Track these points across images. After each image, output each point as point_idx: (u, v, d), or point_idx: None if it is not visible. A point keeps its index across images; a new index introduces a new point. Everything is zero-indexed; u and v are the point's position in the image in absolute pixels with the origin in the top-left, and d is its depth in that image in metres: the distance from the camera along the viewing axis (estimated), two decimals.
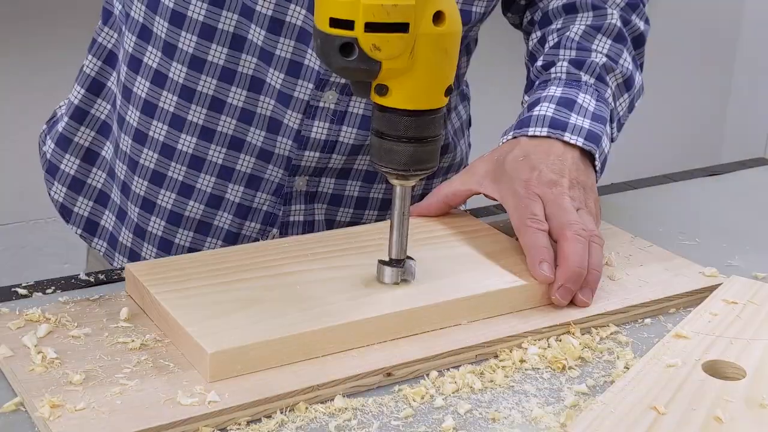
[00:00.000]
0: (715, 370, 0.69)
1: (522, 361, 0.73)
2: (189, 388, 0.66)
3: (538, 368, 0.73)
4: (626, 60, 0.99)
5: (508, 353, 0.74)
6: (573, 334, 0.77)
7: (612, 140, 0.97)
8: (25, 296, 0.81)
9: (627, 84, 0.99)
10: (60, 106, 1.09)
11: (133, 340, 0.71)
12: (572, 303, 0.80)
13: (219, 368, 0.67)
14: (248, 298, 0.74)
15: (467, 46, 1.08)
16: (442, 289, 0.77)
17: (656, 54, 2.73)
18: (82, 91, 1.04)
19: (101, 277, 0.85)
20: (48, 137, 1.08)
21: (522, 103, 1.00)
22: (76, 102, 1.04)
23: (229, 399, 0.65)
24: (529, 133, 0.91)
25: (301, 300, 0.74)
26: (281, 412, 0.66)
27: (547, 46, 1.01)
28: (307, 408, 0.66)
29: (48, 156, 1.07)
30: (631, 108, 1.01)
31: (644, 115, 2.74)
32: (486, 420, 0.66)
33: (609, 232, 0.94)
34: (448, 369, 0.72)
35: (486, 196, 0.89)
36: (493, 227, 0.90)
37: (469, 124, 1.17)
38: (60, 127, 1.05)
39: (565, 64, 0.97)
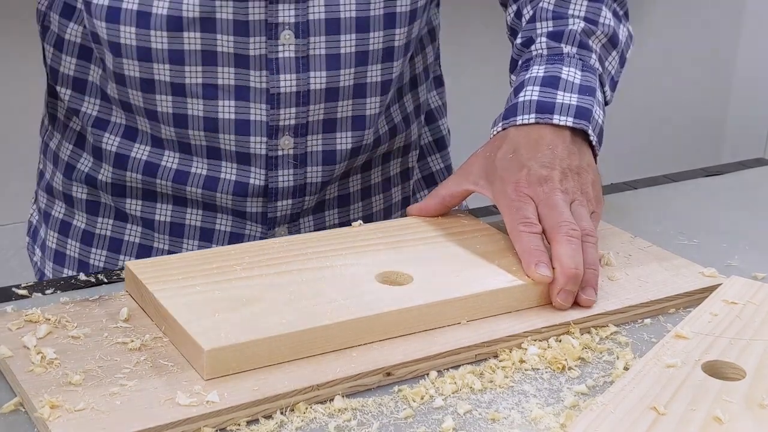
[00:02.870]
0: (714, 370, 0.69)
1: (522, 361, 0.73)
2: (188, 388, 0.66)
3: (538, 368, 0.73)
4: (606, 17, 0.96)
5: (508, 353, 0.74)
6: (573, 334, 0.77)
7: (606, 103, 0.96)
8: (24, 296, 0.81)
9: (612, 42, 0.96)
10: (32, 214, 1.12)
11: (132, 341, 0.71)
12: (576, 304, 0.79)
13: (215, 366, 0.67)
14: (246, 297, 0.74)
15: (430, 33, 1.07)
16: (441, 288, 0.77)
17: (657, 54, 2.74)
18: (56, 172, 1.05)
19: (101, 277, 0.85)
20: (35, 247, 1.11)
21: (510, 82, 0.99)
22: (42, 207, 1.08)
23: (228, 399, 0.65)
24: (518, 123, 0.89)
25: (299, 298, 0.74)
26: (281, 413, 0.66)
27: (523, 20, 0.99)
28: (306, 408, 0.66)
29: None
30: (623, 62, 0.99)
31: (644, 114, 2.76)
32: (486, 420, 0.66)
33: (609, 232, 0.94)
34: (447, 369, 0.72)
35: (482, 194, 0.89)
36: (492, 227, 0.90)
37: (444, 111, 1.16)
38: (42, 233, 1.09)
39: (544, 39, 0.95)
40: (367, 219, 1.07)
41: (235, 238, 1.01)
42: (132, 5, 0.89)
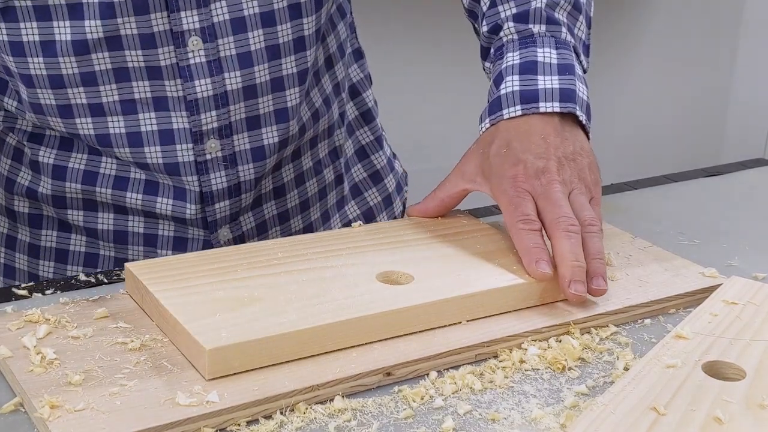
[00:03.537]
0: (715, 370, 0.69)
1: (522, 361, 0.73)
2: (188, 389, 0.66)
3: (538, 369, 0.73)
4: None
5: (508, 354, 0.74)
6: (573, 334, 0.77)
7: (584, 71, 0.95)
8: (24, 297, 0.81)
9: (576, 7, 0.95)
10: None
11: (132, 341, 0.71)
12: (590, 296, 0.79)
13: (217, 365, 0.67)
14: (247, 297, 0.74)
15: (339, 10, 1.06)
16: (441, 287, 0.77)
17: (656, 54, 2.74)
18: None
19: (101, 277, 0.85)
20: None
21: (484, 69, 0.98)
22: None
23: (228, 399, 0.65)
24: (505, 117, 0.89)
25: (299, 298, 0.74)
26: (281, 413, 0.66)
27: (482, 2, 0.98)
28: (306, 409, 0.66)
29: None
30: (589, 23, 0.98)
31: (644, 115, 2.76)
32: (486, 421, 0.66)
33: (609, 232, 0.94)
34: (447, 369, 0.72)
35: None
36: (492, 227, 0.90)
37: (368, 83, 1.15)
38: None
39: (511, 24, 0.94)
40: (304, 204, 1.07)
41: (179, 242, 1.00)
42: (33, 36, 0.88)
